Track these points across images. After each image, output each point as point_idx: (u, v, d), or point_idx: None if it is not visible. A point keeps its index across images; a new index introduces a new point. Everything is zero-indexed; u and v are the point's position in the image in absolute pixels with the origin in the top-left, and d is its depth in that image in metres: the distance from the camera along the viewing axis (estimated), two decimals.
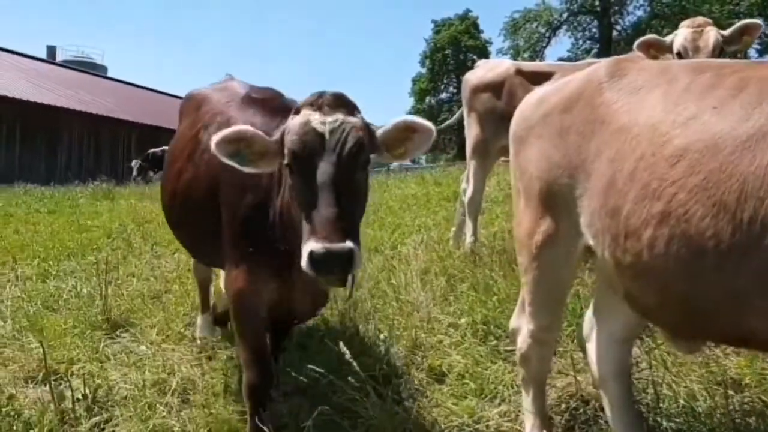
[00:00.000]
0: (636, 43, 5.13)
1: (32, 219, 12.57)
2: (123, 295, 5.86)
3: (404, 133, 2.70)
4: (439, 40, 57.43)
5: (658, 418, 3.11)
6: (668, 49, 5.05)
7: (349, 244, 2.28)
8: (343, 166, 2.46)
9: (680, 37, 5.01)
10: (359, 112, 2.65)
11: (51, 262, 7.97)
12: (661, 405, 3.20)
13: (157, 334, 5.00)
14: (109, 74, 54.02)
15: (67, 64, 49.22)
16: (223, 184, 3.35)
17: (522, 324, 3.00)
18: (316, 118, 2.54)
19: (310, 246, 2.30)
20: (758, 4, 43.55)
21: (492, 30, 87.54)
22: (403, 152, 2.74)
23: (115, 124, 37.14)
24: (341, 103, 2.60)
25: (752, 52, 43.25)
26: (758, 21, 5.01)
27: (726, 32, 4.96)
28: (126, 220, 11.42)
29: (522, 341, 2.98)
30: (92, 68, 52.25)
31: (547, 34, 49.12)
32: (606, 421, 3.07)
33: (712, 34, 4.93)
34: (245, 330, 3.29)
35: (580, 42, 49.77)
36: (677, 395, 3.21)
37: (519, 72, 6.41)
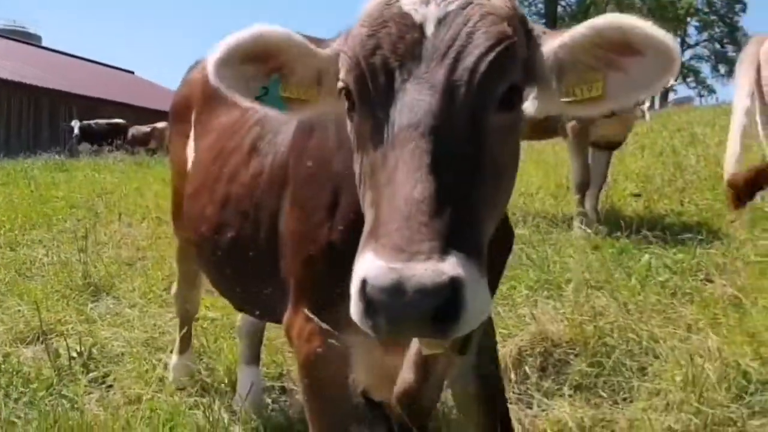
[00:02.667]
0: None
1: None
2: (101, 260, 5.95)
3: (610, 50, 1.36)
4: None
5: (622, 357, 3.42)
6: None
7: (448, 266, 1.09)
8: (460, 98, 1.25)
9: None
10: None
11: (17, 232, 7.96)
12: (624, 346, 3.52)
13: (139, 298, 5.14)
14: (44, 44, 52.21)
15: None
16: (293, 179, 2.09)
17: None
18: None
19: (363, 266, 1.14)
20: None
21: None
22: (599, 93, 1.39)
23: (54, 95, 36.00)
24: None
25: (691, 30, 44.56)
26: None
27: None
28: (86, 191, 11.36)
29: None
30: (26, 38, 50.44)
31: None
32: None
33: None
34: (320, 420, 2.06)
35: (527, 16, 50.22)
36: (641, 338, 3.53)
37: None
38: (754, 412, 2.96)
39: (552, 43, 1.39)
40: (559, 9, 48.93)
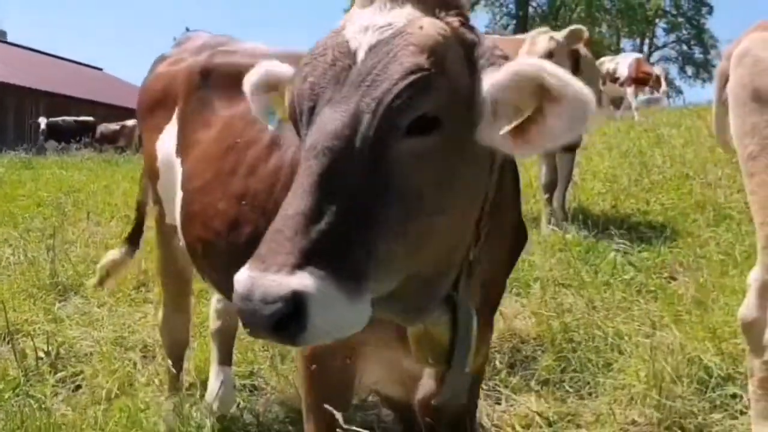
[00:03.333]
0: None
1: None
2: (69, 259, 5.89)
3: (533, 94, 1.34)
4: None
5: (587, 353, 3.49)
6: None
7: (295, 279, 1.17)
8: (364, 124, 1.29)
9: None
10: (459, 17, 1.46)
11: None
12: (590, 343, 3.59)
13: (108, 297, 5.09)
14: (9, 39, 51.12)
15: None
16: None
17: None
18: (361, 22, 1.41)
19: (239, 272, 1.23)
20: None
21: None
22: (529, 133, 1.36)
23: (21, 92, 35.20)
24: None
25: (659, 32, 45.37)
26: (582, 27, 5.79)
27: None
28: (53, 189, 11.20)
29: None
30: None
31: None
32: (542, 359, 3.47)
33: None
34: (314, 416, 2.06)
35: (498, 17, 50.63)
36: (606, 334, 3.61)
37: None
38: (715, 406, 3.06)
39: (489, 78, 1.39)
40: (530, 10, 49.36)
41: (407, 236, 1.33)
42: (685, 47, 50.14)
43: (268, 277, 1.17)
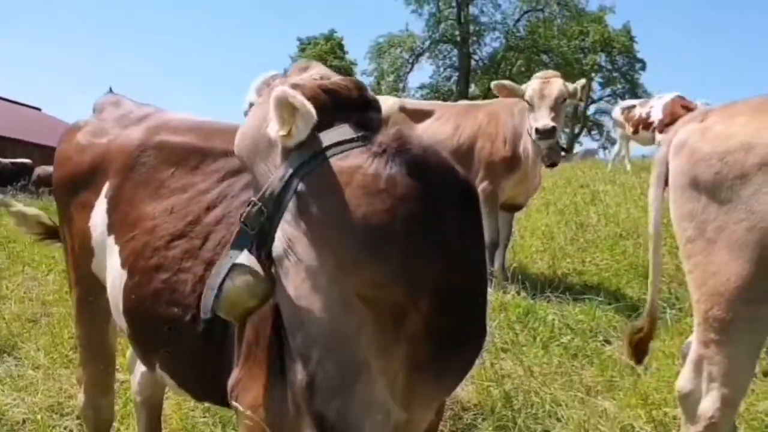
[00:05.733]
0: (493, 84, 5.90)
1: None
2: (3, 317, 5.73)
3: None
4: (304, 57, 57.75)
5: (527, 421, 3.58)
6: (521, 94, 5.80)
7: None
8: None
9: (530, 87, 5.76)
10: None
11: None
12: (529, 410, 3.69)
13: (44, 358, 4.96)
14: None
15: None
16: None
17: None
18: None
19: None
20: (601, 41, 47.56)
21: (356, 51, 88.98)
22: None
23: None
24: None
25: (596, 86, 47.16)
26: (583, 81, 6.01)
27: (570, 86, 5.78)
28: None
29: None
30: None
31: (410, 60, 50.76)
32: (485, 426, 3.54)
33: (556, 84, 5.72)
34: None
35: (441, 69, 51.79)
36: (543, 401, 3.71)
37: (402, 109, 6.89)
38: None
39: None
40: (473, 63, 50.67)
41: None
42: (620, 100, 52.12)
43: None
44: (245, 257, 1.70)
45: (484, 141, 6.30)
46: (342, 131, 1.70)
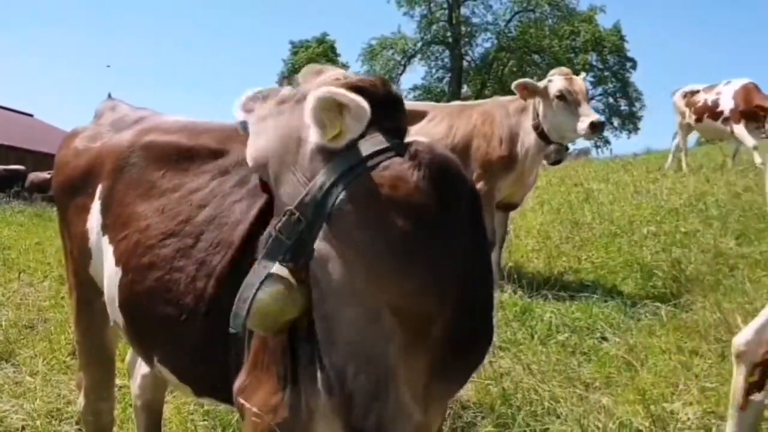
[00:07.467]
0: (514, 84, 5.90)
1: None
2: (0, 324, 5.71)
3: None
4: (297, 61, 57.53)
5: (527, 419, 3.60)
6: (542, 92, 5.80)
7: None
8: None
9: (557, 84, 5.77)
10: None
11: None
12: (528, 407, 3.70)
13: (42, 365, 4.95)
14: None
15: None
16: None
17: None
18: None
19: None
20: (592, 40, 47.72)
21: (348, 54, 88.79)
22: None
23: None
24: None
25: (588, 85, 47.38)
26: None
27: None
28: None
29: None
30: None
31: (403, 62, 50.83)
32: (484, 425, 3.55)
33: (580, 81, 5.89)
34: None
35: (434, 71, 51.88)
36: (542, 398, 3.73)
37: None
38: None
39: None
40: (465, 64, 50.78)
41: None
42: (611, 99, 52.23)
43: None
44: (279, 268, 1.68)
45: (480, 141, 6.29)
46: (377, 140, 1.70)
